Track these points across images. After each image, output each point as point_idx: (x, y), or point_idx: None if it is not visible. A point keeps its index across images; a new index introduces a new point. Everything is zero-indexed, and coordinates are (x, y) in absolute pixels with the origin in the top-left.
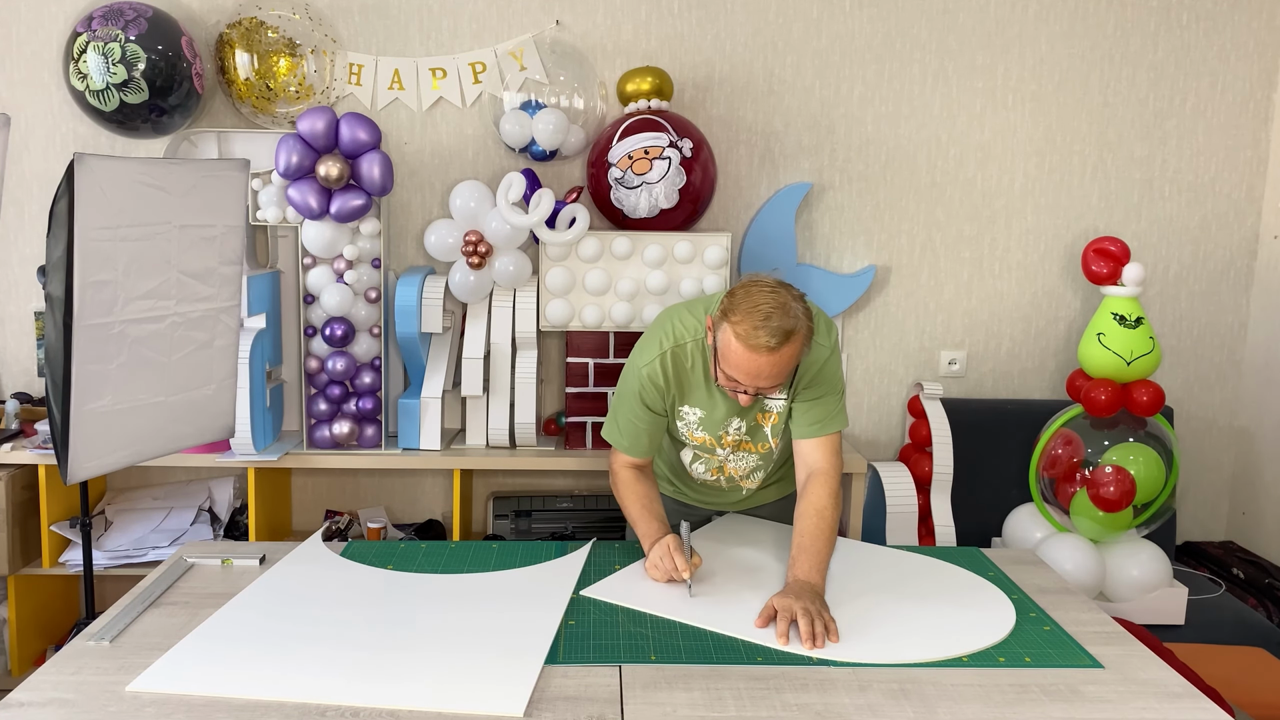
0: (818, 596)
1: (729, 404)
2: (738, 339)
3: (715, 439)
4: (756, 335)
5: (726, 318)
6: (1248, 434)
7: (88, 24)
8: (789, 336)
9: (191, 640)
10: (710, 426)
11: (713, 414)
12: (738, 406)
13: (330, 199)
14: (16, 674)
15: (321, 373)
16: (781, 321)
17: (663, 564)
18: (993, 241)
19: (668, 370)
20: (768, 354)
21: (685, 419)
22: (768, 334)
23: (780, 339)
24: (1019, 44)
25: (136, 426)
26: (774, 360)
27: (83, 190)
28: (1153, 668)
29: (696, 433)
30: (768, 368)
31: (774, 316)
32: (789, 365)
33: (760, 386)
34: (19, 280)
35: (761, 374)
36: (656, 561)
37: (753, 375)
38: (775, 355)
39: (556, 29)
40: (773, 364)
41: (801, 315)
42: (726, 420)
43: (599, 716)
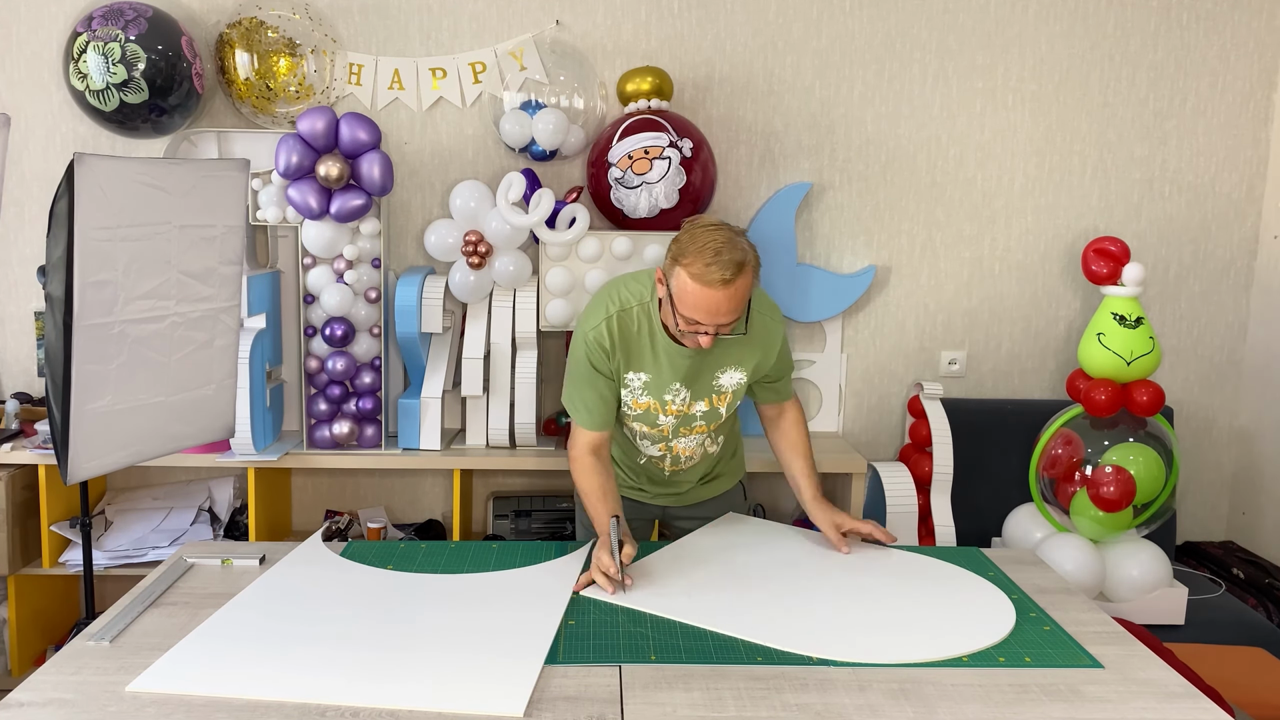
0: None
1: (673, 368)
2: (693, 279)
3: (660, 404)
4: (710, 272)
5: (678, 262)
6: (1248, 434)
7: (88, 24)
8: (740, 268)
9: (191, 640)
10: (655, 391)
11: (658, 377)
12: (680, 370)
13: (330, 199)
14: (16, 674)
15: (321, 373)
16: (731, 255)
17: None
18: (993, 241)
19: (614, 333)
20: (723, 288)
21: (630, 385)
22: (719, 268)
23: (734, 271)
24: (1019, 44)
25: (136, 426)
26: (730, 294)
27: (83, 190)
28: (1153, 668)
29: (641, 398)
30: (725, 302)
31: (724, 251)
32: (744, 297)
33: (720, 323)
34: (19, 280)
35: (720, 309)
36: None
37: (711, 312)
38: (731, 288)
39: (556, 29)
40: (729, 297)
41: (748, 248)
42: (672, 385)
43: (599, 716)
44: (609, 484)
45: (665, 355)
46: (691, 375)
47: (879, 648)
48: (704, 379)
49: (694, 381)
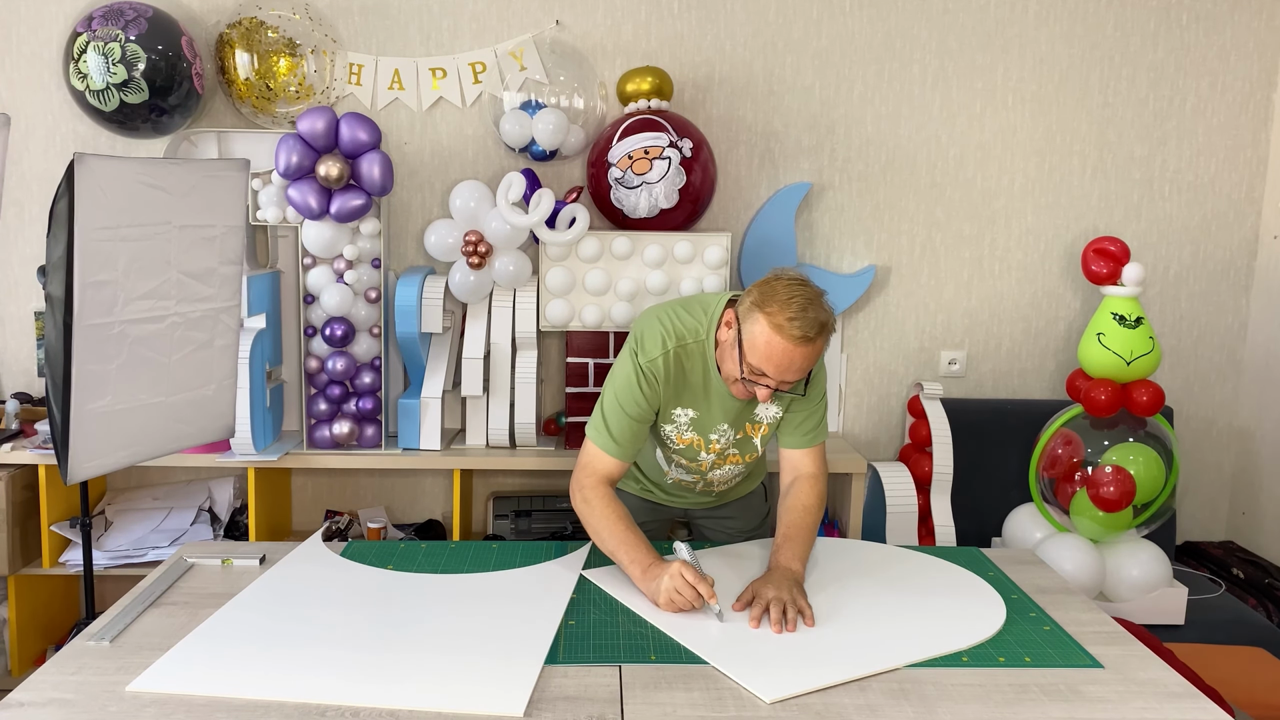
0: (796, 584)
1: (723, 408)
2: (775, 329)
3: (703, 441)
4: (794, 326)
5: (760, 309)
6: (1248, 434)
7: (88, 24)
8: (823, 329)
9: (191, 640)
10: (701, 428)
11: (706, 416)
12: (729, 412)
13: (330, 199)
14: (16, 674)
15: (321, 373)
16: (818, 314)
17: (684, 594)
18: (993, 241)
19: (670, 368)
20: (805, 345)
21: (676, 420)
22: (805, 324)
23: (817, 330)
24: (1019, 44)
25: (136, 426)
26: (806, 352)
27: (83, 190)
28: (1153, 668)
29: (685, 434)
30: (800, 359)
31: (810, 309)
32: (816, 358)
33: (787, 379)
34: (19, 280)
35: (792, 365)
36: (673, 595)
37: (783, 367)
38: (810, 347)
39: (556, 29)
40: (805, 355)
41: (829, 309)
42: (719, 425)
43: (599, 716)
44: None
45: (716, 396)
46: (738, 414)
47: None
48: (746, 413)
49: (738, 419)
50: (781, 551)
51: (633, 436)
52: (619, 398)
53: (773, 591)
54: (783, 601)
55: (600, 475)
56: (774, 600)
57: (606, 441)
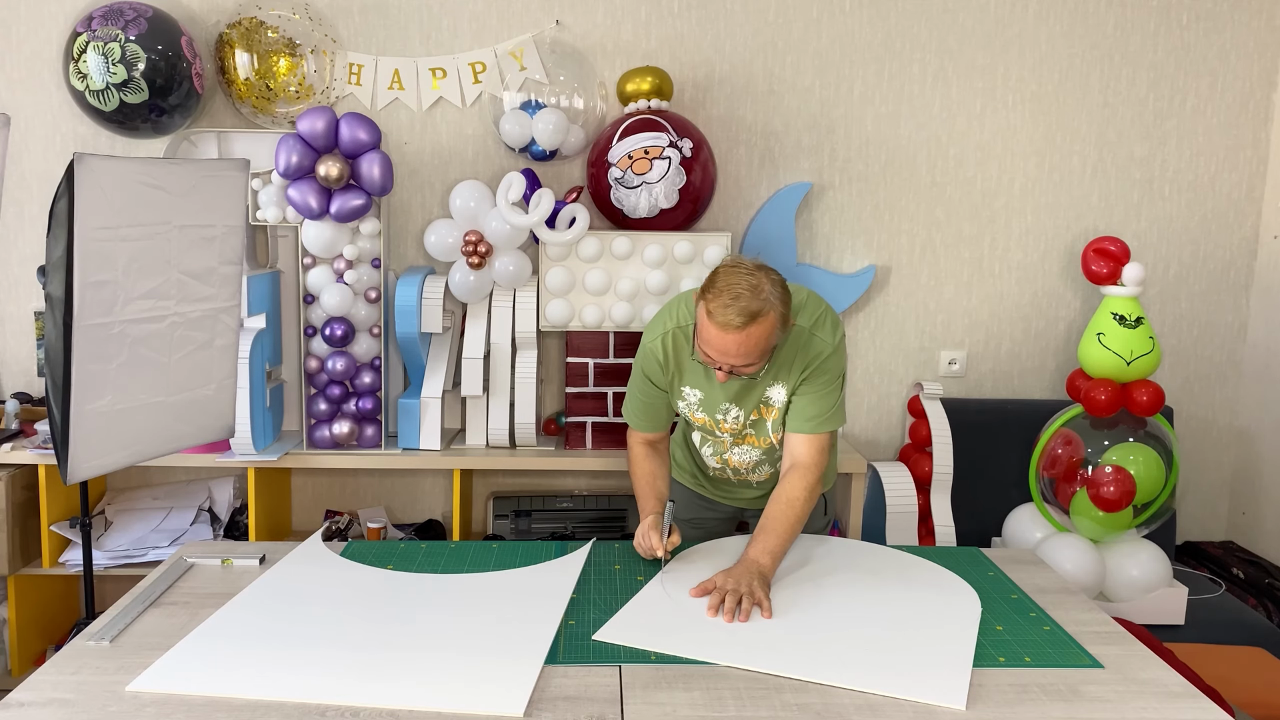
0: (759, 576)
1: (724, 389)
2: (708, 316)
3: (714, 421)
4: (724, 314)
5: (703, 296)
6: (1248, 434)
7: (88, 24)
8: (755, 317)
9: (191, 640)
10: (708, 408)
11: (710, 395)
12: (733, 392)
13: (330, 199)
14: (16, 674)
15: (321, 373)
16: (749, 303)
17: (643, 543)
18: (993, 241)
19: (668, 349)
20: (734, 332)
21: (687, 399)
22: (734, 313)
23: (746, 319)
24: (1019, 44)
25: (136, 426)
26: (740, 339)
27: (83, 190)
28: (1153, 668)
29: (697, 414)
30: (734, 346)
31: (743, 297)
32: (756, 345)
33: (732, 364)
34: (19, 280)
35: (729, 351)
36: (639, 540)
37: (722, 352)
38: (741, 334)
39: (556, 29)
40: (739, 343)
41: (774, 299)
42: (723, 404)
43: (599, 716)
44: (660, 470)
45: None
46: (741, 395)
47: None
48: (754, 395)
49: (743, 400)
50: (754, 544)
51: (646, 410)
52: (633, 378)
53: (731, 583)
54: (739, 593)
55: (638, 438)
56: (730, 591)
57: (630, 417)
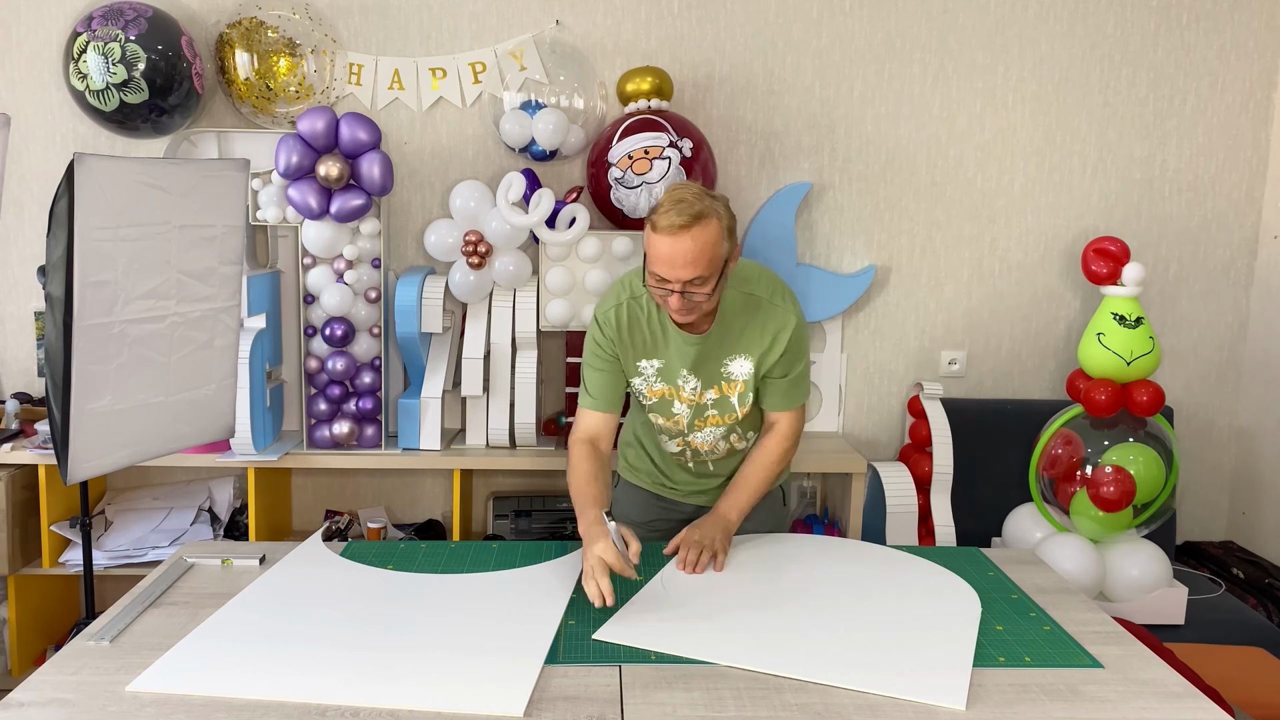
0: (723, 531)
1: (681, 355)
2: (655, 230)
3: (674, 390)
4: (668, 217)
5: (649, 218)
6: (1248, 434)
7: (88, 24)
8: (699, 218)
9: (191, 640)
10: (667, 376)
11: (669, 364)
12: (688, 358)
13: (330, 199)
14: (16, 674)
15: (321, 373)
16: (693, 205)
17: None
18: (993, 241)
19: (622, 320)
20: (681, 234)
21: (644, 373)
22: (677, 214)
23: (691, 219)
24: (1019, 44)
25: (136, 426)
26: (687, 243)
27: (83, 190)
28: (1153, 668)
29: (655, 385)
30: (683, 253)
31: (686, 201)
32: (705, 250)
33: (680, 277)
34: (19, 280)
35: (678, 259)
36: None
37: (671, 263)
38: (687, 236)
39: (556, 29)
40: (686, 248)
41: (718, 207)
42: (682, 372)
43: (599, 716)
44: (600, 474)
45: (674, 343)
46: (700, 362)
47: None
48: (712, 366)
49: (702, 369)
50: (725, 498)
51: (602, 387)
52: (586, 353)
53: (697, 535)
54: (700, 545)
55: (583, 433)
56: (694, 544)
57: (583, 396)
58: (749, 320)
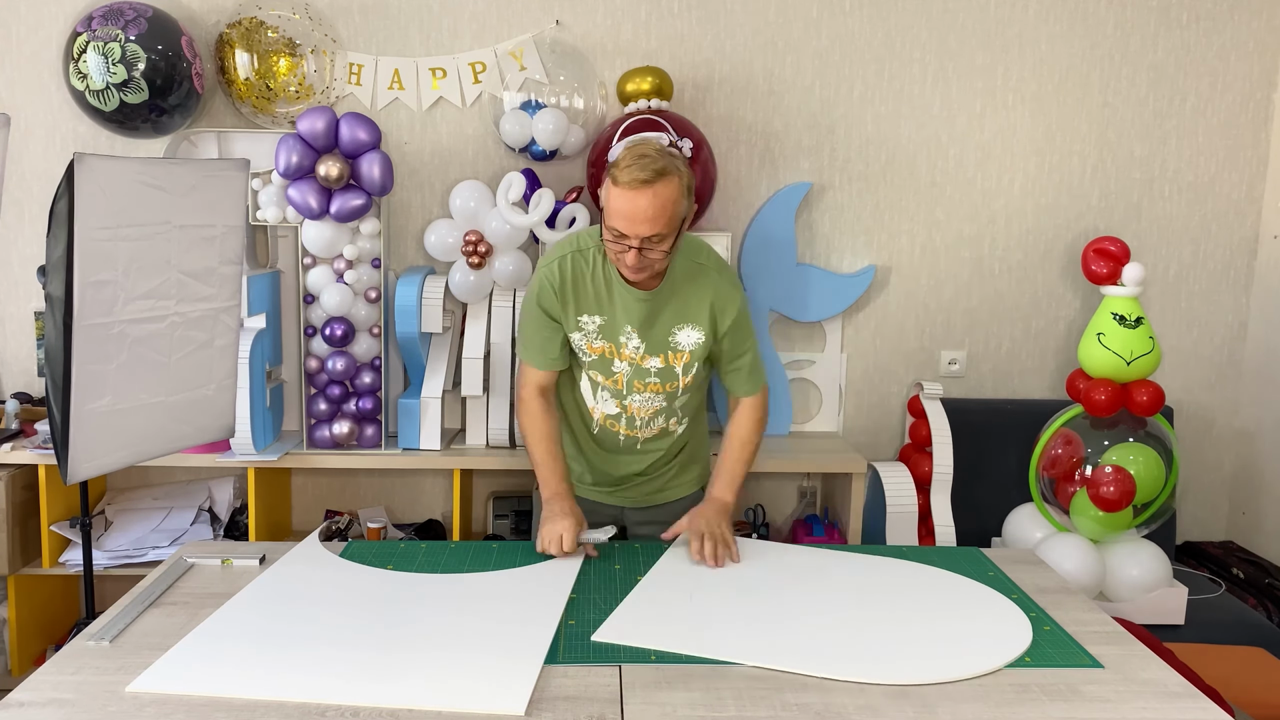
0: (723, 515)
1: (626, 312)
2: (616, 184)
3: (615, 347)
4: (629, 173)
5: (608, 175)
6: (1248, 434)
7: (88, 24)
8: (662, 174)
9: (191, 640)
10: (609, 334)
11: (612, 320)
12: (634, 315)
13: (330, 199)
14: (16, 674)
15: (321, 373)
16: (655, 161)
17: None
18: (993, 241)
19: (565, 273)
20: (643, 188)
21: (585, 329)
22: (639, 169)
23: (653, 175)
24: (1019, 44)
25: (136, 426)
26: (649, 197)
27: (83, 190)
28: (1153, 668)
29: (595, 342)
30: (645, 208)
31: (648, 156)
32: (665, 207)
33: (639, 233)
34: (19, 280)
35: (638, 215)
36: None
37: (631, 218)
38: (650, 192)
39: (556, 29)
40: (648, 203)
41: (679, 164)
42: (625, 328)
43: (599, 716)
44: (557, 434)
45: (620, 299)
46: (646, 323)
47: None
48: (659, 332)
49: (648, 331)
50: (716, 481)
51: (544, 342)
52: (526, 308)
53: (700, 522)
54: (713, 536)
55: (532, 385)
56: (706, 536)
57: (526, 350)
58: (696, 289)
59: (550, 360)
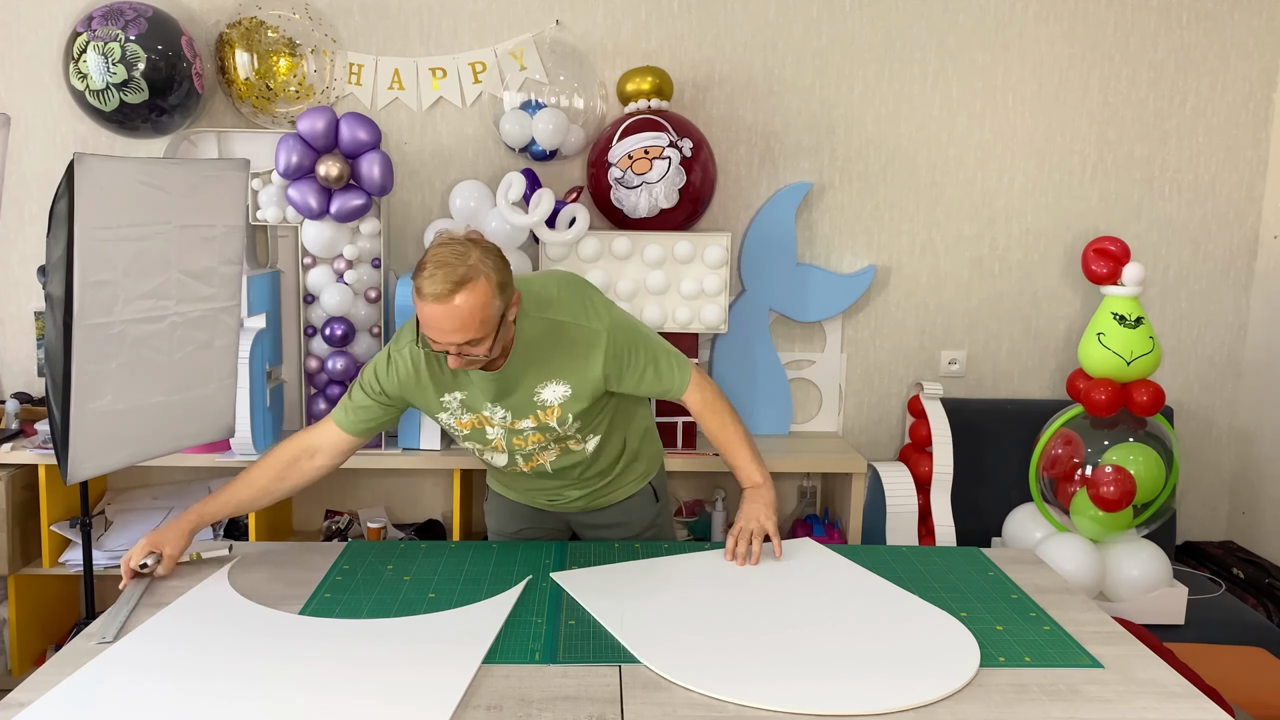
0: (766, 505)
1: (482, 389)
2: (418, 294)
3: (483, 419)
4: (430, 285)
5: (413, 278)
6: (1248, 434)
7: (88, 24)
8: (462, 284)
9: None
10: (473, 407)
11: (471, 395)
12: (491, 391)
13: (330, 199)
14: (16, 674)
15: (321, 373)
16: (454, 270)
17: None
18: (993, 241)
19: (418, 359)
20: (443, 302)
21: (448, 407)
22: (438, 283)
23: (452, 287)
24: (1019, 44)
25: (136, 426)
26: (451, 310)
27: (83, 190)
28: (1153, 668)
29: (463, 417)
30: (446, 319)
31: (447, 265)
32: (474, 316)
33: (452, 341)
34: (19, 280)
35: (443, 326)
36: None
37: (439, 329)
38: (451, 304)
39: (556, 29)
40: (451, 314)
41: (484, 266)
42: (486, 403)
43: (599, 716)
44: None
45: (475, 377)
46: (503, 393)
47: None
48: (520, 396)
49: (509, 399)
50: (739, 474)
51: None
52: (365, 375)
53: (742, 521)
54: (749, 531)
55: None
56: (741, 533)
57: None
58: (555, 345)
59: (355, 424)
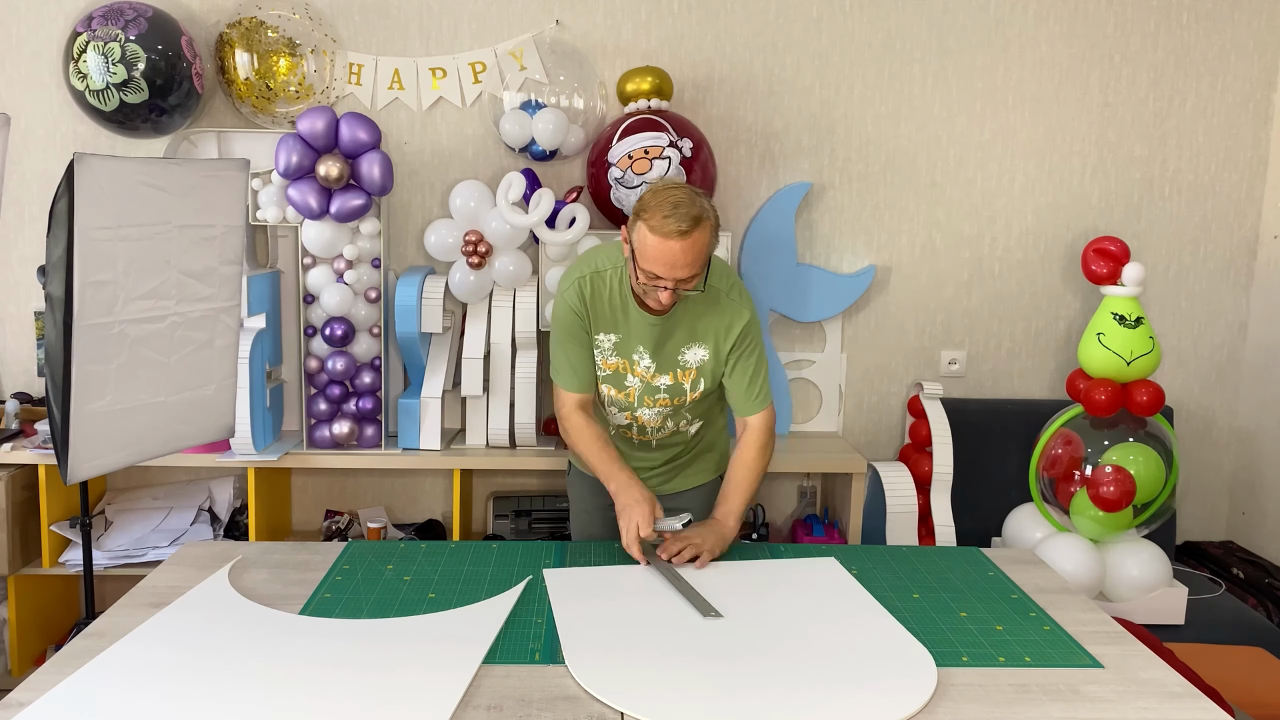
0: (718, 537)
1: (639, 334)
2: (652, 231)
3: (628, 363)
4: (667, 223)
5: (639, 216)
6: (1248, 434)
7: (88, 24)
8: (698, 222)
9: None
10: (623, 351)
11: (626, 339)
12: (647, 338)
13: (330, 199)
14: (16, 674)
15: (321, 373)
16: (690, 209)
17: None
18: (993, 241)
19: (586, 295)
20: (680, 239)
21: (601, 346)
22: (676, 220)
23: (690, 223)
24: (1019, 44)
25: (136, 426)
26: (686, 246)
27: (83, 190)
28: (1153, 668)
29: (610, 359)
30: (682, 254)
31: (683, 204)
32: (701, 252)
33: (677, 276)
34: (19, 280)
35: (677, 262)
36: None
37: (669, 265)
38: (687, 240)
39: (556, 29)
40: (685, 250)
41: (708, 207)
42: (639, 347)
43: (599, 716)
44: (604, 435)
45: (634, 321)
46: (657, 344)
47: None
48: (669, 351)
49: (659, 351)
50: (721, 504)
51: (579, 362)
52: (557, 333)
53: (697, 537)
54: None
55: (572, 404)
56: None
57: (562, 375)
58: (707, 310)
59: (583, 383)
